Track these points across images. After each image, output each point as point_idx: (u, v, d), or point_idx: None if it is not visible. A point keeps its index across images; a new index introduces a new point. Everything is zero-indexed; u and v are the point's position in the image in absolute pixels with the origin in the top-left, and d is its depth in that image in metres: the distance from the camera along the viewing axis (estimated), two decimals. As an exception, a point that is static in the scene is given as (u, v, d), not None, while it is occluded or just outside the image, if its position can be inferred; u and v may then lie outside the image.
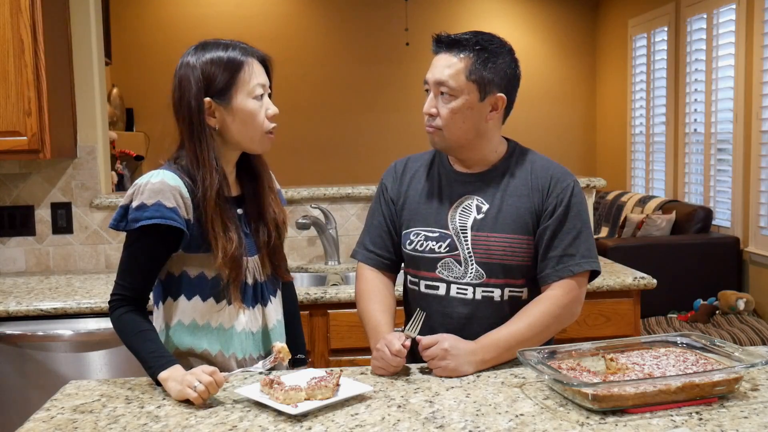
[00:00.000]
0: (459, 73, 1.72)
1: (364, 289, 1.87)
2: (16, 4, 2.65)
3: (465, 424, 1.34)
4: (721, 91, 5.13)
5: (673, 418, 1.34)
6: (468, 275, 1.77)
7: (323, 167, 6.94)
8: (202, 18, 6.97)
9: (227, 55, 1.63)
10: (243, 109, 1.63)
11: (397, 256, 1.91)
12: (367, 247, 1.91)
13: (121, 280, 1.63)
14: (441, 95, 1.74)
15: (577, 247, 1.75)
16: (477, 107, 1.74)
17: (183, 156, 1.65)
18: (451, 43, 1.74)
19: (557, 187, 1.77)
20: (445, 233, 1.79)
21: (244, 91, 1.63)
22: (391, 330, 1.75)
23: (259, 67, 1.67)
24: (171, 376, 1.52)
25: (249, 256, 1.69)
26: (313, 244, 3.12)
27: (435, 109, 1.75)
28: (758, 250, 4.69)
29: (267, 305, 1.75)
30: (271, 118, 1.67)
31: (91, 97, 3.06)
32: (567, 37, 7.54)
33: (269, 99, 1.69)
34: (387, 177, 1.93)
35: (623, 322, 2.59)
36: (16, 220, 3.03)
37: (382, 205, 1.91)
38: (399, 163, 1.94)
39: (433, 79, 1.74)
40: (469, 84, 1.72)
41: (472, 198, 1.80)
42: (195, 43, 1.69)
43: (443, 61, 1.74)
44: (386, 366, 1.63)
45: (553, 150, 7.43)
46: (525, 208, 1.77)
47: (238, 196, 1.73)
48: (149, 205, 1.57)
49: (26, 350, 2.41)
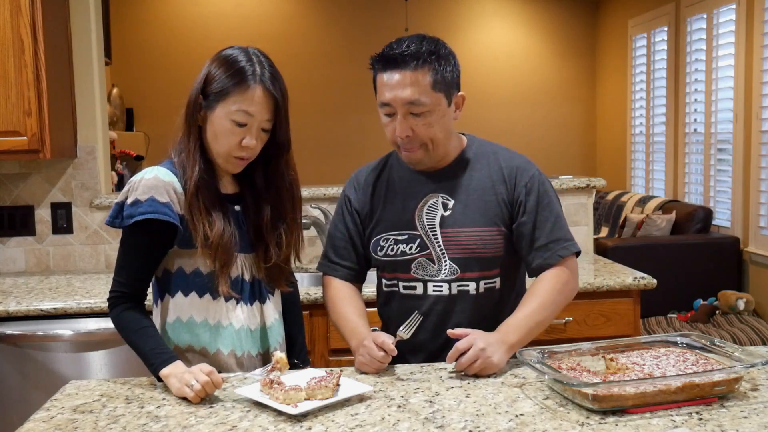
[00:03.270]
0: (425, 86, 1.67)
1: (334, 296, 1.88)
2: (16, 4, 2.65)
3: (465, 424, 1.34)
4: (721, 91, 5.13)
5: (673, 418, 1.34)
6: (442, 272, 1.78)
7: (323, 167, 6.93)
8: (202, 18, 6.97)
9: (237, 68, 1.61)
10: (217, 124, 1.62)
11: (362, 266, 1.92)
12: (331, 258, 1.92)
13: (119, 277, 1.65)
14: (411, 115, 1.69)
15: (558, 233, 1.78)
16: (447, 113, 1.74)
17: (182, 149, 1.67)
18: (405, 58, 1.67)
19: (523, 177, 1.79)
20: (413, 234, 1.80)
21: (226, 110, 1.61)
22: (368, 331, 1.75)
23: (260, 98, 1.61)
24: (172, 372, 1.53)
25: (244, 252, 1.70)
26: (313, 244, 3.12)
27: (410, 129, 1.71)
28: (758, 250, 4.69)
29: (265, 302, 1.75)
30: (243, 149, 1.62)
31: (91, 97, 3.06)
32: (567, 38, 7.53)
33: (256, 131, 1.62)
34: (349, 188, 1.93)
35: (623, 322, 2.59)
36: (16, 220, 3.03)
37: (345, 217, 1.91)
38: (359, 173, 1.94)
39: (402, 100, 1.67)
40: (437, 95, 1.69)
41: (437, 196, 1.80)
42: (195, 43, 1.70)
43: (402, 79, 1.66)
44: (372, 362, 1.63)
45: (553, 150, 7.44)
46: (492, 200, 1.78)
47: (236, 193, 1.73)
48: (143, 201, 1.58)
49: (26, 350, 2.41)
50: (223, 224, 1.63)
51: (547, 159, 6.85)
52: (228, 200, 1.70)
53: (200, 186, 1.62)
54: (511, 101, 7.31)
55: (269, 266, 1.73)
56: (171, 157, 1.69)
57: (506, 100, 7.31)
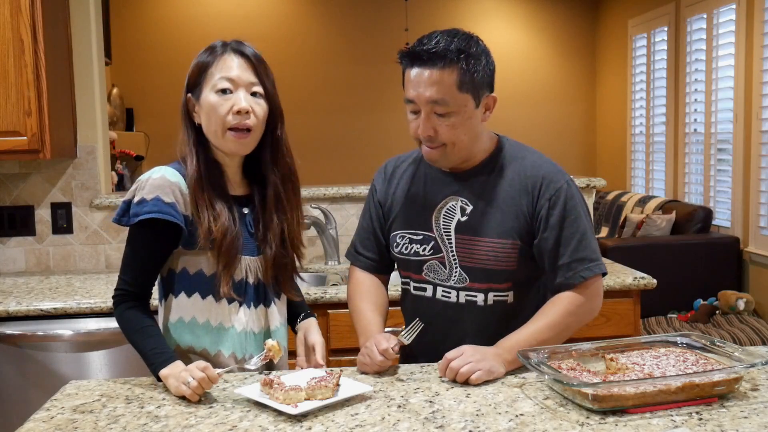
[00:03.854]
0: (450, 87, 1.61)
1: (355, 289, 1.87)
2: (16, 4, 2.65)
3: (465, 424, 1.34)
4: (721, 91, 5.13)
5: (673, 418, 1.34)
6: (452, 278, 1.75)
7: (323, 167, 6.93)
8: (202, 18, 6.97)
9: (204, 52, 1.66)
10: (206, 104, 1.64)
11: (385, 258, 1.89)
12: (357, 249, 1.91)
13: (123, 275, 1.66)
14: (435, 114, 1.64)
15: (584, 252, 1.68)
16: (474, 115, 1.68)
17: (183, 149, 1.69)
18: (432, 56, 1.61)
19: (549, 189, 1.70)
20: (429, 236, 1.77)
21: (209, 86, 1.63)
22: (382, 329, 1.75)
23: (235, 62, 1.63)
24: (171, 373, 1.53)
25: (250, 255, 1.70)
26: (313, 244, 3.12)
27: (433, 129, 1.65)
28: (758, 250, 4.69)
29: (270, 306, 1.75)
30: (236, 114, 1.61)
31: (91, 97, 3.06)
32: (567, 37, 7.54)
33: (244, 93, 1.62)
34: (377, 178, 1.91)
35: (623, 322, 2.59)
36: (16, 220, 3.03)
37: (371, 207, 1.89)
38: (389, 163, 1.91)
39: (424, 99, 1.62)
40: (464, 95, 1.63)
41: (456, 199, 1.75)
42: (195, 43, 1.72)
43: (428, 77, 1.61)
44: (371, 364, 1.63)
45: (553, 150, 7.43)
46: (511, 212, 1.71)
47: (245, 195, 1.73)
48: (149, 200, 1.59)
49: (26, 350, 2.41)
50: (228, 220, 1.63)
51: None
52: (236, 202, 1.70)
53: (201, 177, 1.63)
54: (511, 101, 7.30)
55: (276, 267, 1.73)
56: (176, 161, 1.70)
57: (506, 100, 7.27)
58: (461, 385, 1.55)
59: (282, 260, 1.74)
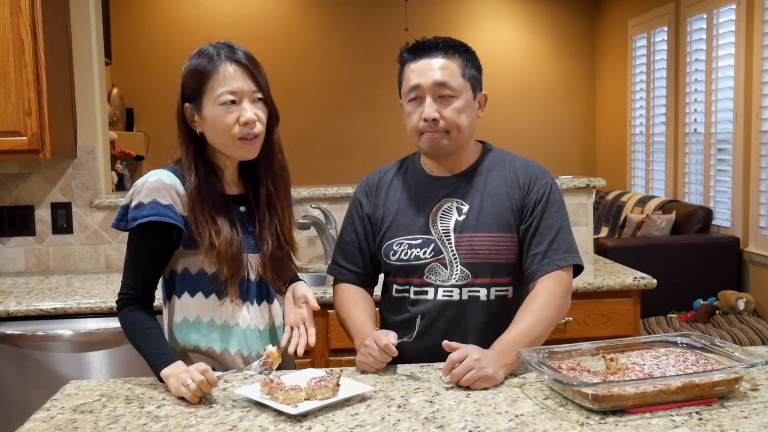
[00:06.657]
0: (455, 72, 1.74)
1: (342, 299, 1.88)
2: (16, 4, 2.65)
3: (465, 424, 1.34)
4: (721, 91, 5.13)
5: (673, 418, 1.34)
6: (453, 277, 1.77)
7: (323, 167, 6.93)
8: (202, 18, 6.97)
9: (198, 62, 1.64)
10: (210, 117, 1.63)
11: (369, 272, 1.91)
12: (339, 263, 1.92)
13: (126, 279, 1.67)
14: (440, 98, 1.73)
15: (559, 243, 1.76)
16: (473, 105, 1.79)
17: (182, 160, 1.70)
18: (436, 46, 1.75)
19: (537, 184, 1.79)
20: (428, 239, 1.79)
21: (211, 99, 1.62)
22: (373, 330, 1.75)
23: (234, 72, 1.62)
24: (172, 373, 1.54)
25: (250, 252, 1.70)
26: (313, 244, 3.12)
27: (437, 113, 1.73)
28: (758, 250, 4.69)
29: (273, 302, 1.76)
30: (244, 125, 1.62)
31: (91, 97, 3.06)
32: (567, 37, 7.54)
33: (248, 104, 1.63)
34: (360, 192, 1.92)
35: (623, 322, 2.59)
36: (16, 220, 3.03)
37: (355, 221, 1.91)
38: (371, 176, 1.93)
39: (431, 82, 1.72)
40: (466, 83, 1.75)
41: (452, 200, 1.80)
42: (195, 43, 1.71)
43: (434, 64, 1.74)
44: (372, 361, 1.63)
45: (553, 150, 7.44)
46: (506, 206, 1.78)
47: (241, 194, 1.74)
48: (146, 204, 1.60)
49: (26, 350, 2.41)
50: (230, 232, 1.64)
51: (547, 159, 6.84)
52: (233, 201, 1.71)
53: (201, 190, 1.63)
54: (511, 101, 7.31)
55: (274, 263, 1.73)
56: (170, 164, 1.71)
57: (506, 100, 7.30)
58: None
59: (279, 256, 1.74)
